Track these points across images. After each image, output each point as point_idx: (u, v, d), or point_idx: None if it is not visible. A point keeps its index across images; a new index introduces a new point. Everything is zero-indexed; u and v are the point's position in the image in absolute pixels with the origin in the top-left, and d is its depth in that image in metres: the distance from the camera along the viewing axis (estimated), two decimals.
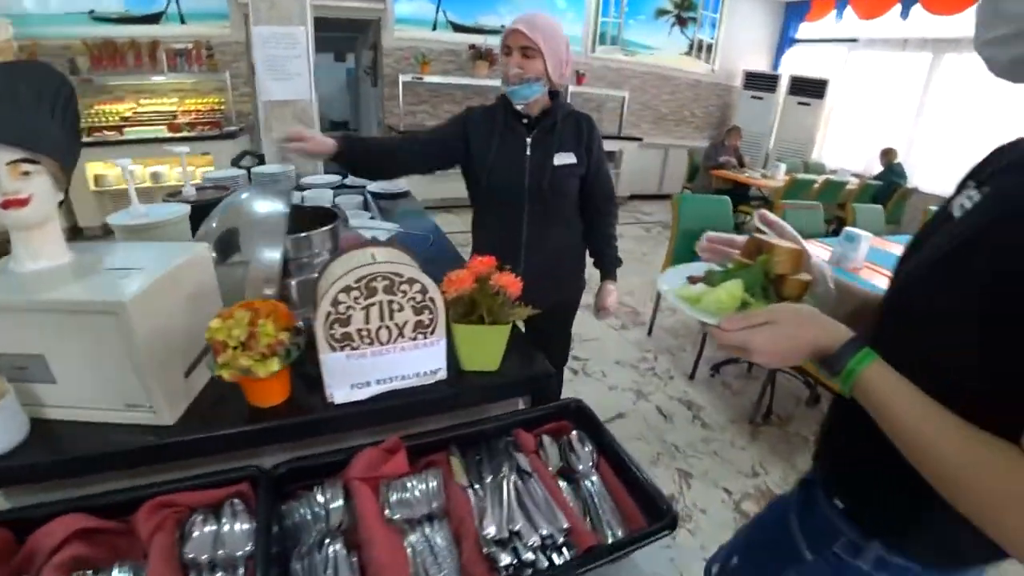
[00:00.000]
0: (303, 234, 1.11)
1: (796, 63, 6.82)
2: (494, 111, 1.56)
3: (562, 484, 0.80)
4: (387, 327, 0.80)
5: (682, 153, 6.57)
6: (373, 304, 0.78)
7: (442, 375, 0.88)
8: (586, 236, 1.72)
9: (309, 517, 0.73)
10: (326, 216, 1.22)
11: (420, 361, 0.85)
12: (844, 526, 0.72)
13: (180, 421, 0.84)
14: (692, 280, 0.75)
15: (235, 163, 2.92)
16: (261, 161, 2.41)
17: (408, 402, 0.87)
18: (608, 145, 6.03)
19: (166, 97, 4.90)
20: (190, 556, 0.65)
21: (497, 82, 5.51)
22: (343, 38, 7.88)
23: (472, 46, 5.49)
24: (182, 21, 4.69)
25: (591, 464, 0.83)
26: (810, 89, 6.17)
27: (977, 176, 0.63)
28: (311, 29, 2.21)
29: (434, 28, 5.43)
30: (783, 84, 6.45)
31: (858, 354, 0.55)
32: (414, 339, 0.83)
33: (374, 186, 2.32)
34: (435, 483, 0.78)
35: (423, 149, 1.57)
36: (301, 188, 2.27)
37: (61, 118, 0.83)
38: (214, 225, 1.08)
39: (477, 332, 0.84)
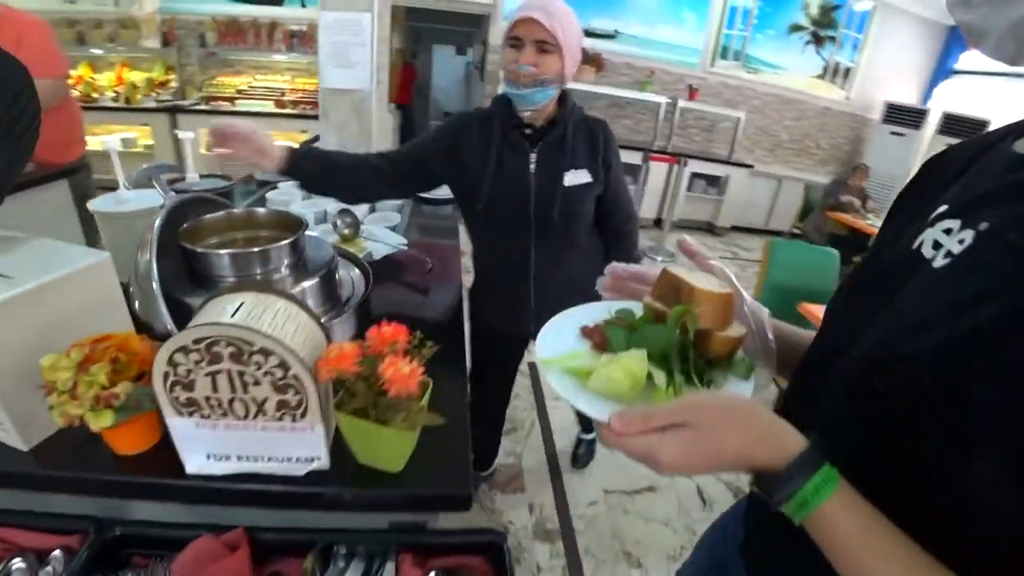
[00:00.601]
0: (243, 250, 0.97)
1: (951, 98, 5.78)
2: (490, 118, 1.30)
3: None
4: (242, 400, 0.62)
5: (797, 187, 5.88)
6: (219, 372, 0.60)
7: (321, 465, 0.69)
8: (606, 260, 1.48)
9: None
10: (294, 225, 1.08)
11: (292, 445, 0.67)
12: None
13: (37, 449, 0.74)
14: (585, 333, 0.56)
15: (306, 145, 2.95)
16: None
17: (275, 491, 0.68)
18: (713, 169, 5.61)
19: (279, 75, 5.16)
20: None
21: (603, 88, 5.23)
22: (464, 32, 7.97)
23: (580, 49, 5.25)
24: (303, 4, 4.89)
25: None
26: (966, 129, 5.19)
27: (942, 200, 0.46)
28: (378, 17, 2.10)
29: None
30: (932, 121, 5.50)
31: (815, 478, 0.39)
32: (279, 419, 0.64)
33: None
34: None
35: (393, 169, 1.32)
36: None
37: None
38: (157, 223, 0.96)
39: (362, 428, 0.63)
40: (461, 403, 0.87)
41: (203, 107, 4.77)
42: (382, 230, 1.64)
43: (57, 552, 0.65)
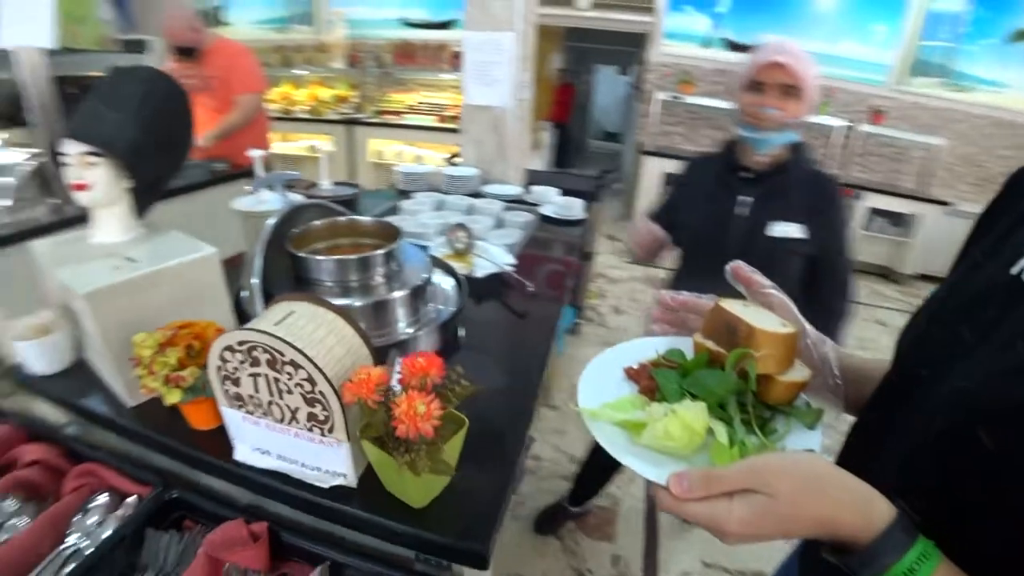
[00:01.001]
0: (337, 257, 1.01)
1: None
2: (713, 160, 1.34)
3: None
4: (278, 405, 0.64)
5: None
6: (259, 375, 0.62)
7: (346, 482, 0.68)
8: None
9: (161, 558, 0.66)
10: (393, 235, 1.12)
11: (320, 457, 0.67)
12: None
13: (139, 407, 0.85)
14: (630, 375, 0.52)
15: (449, 160, 3.12)
16: None
17: (301, 496, 0.69)
18: (898, 205, 4.82)
19: (444, 92, 5.54)
20: (68, 532, 0.68)
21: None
22: (626, 52, 7.91)
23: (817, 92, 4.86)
24: None
25: None
26: None
27: None
28: (520, 36, 2.14)
29: (706, 45, 4.98)
30: None
31: (909, 554, 0.35)
32: (309, 430, 0.64)
33: (550, 208, 2.15)
34: None
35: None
36: (476, 195, 2.24)
37: (145, 121, 0.88)
38: (270, 224, 1.06)
39: (381, 457, 0.61)
40: (516, 450, 0.81)
41: (376, 120, 5.32)
42: (494, 248, 1.64)
43: (132, 498, 0.72)
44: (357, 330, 0.68)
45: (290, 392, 0.62)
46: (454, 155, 2.72)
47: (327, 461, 0.67)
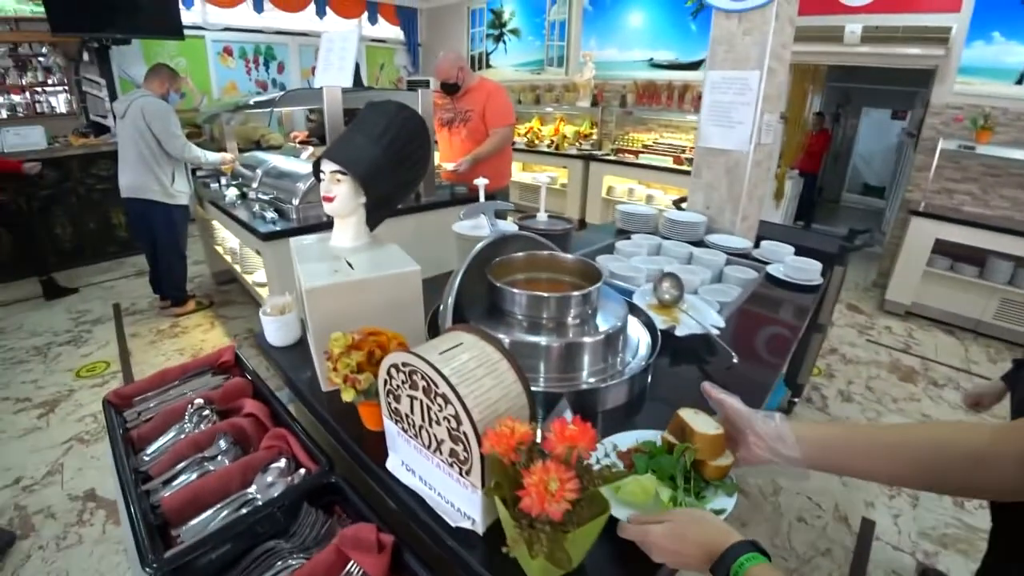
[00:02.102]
0: (528, 292, 1.00)
1: None
2: None
3: None
4: (428, 431, 0.64)
5: None
6: (416, 398, 0.63)
7: (473, 527, 0.64)
8: None
9: (306, 531, 0.72)
10: (593, 276, 1.07)
11: (456, 493, 0.64)
12: None
13: (330, 394, 0.96)
14: (619, 455, 0.74)
15: (675, 204, 2.99)
16: None
17: (429, 524, 0.68)
18: None
19: (684, 133, 5.38)
20: (250, 480, 0.78)
21: None
22: (905, 93, 6.68)
23: None
24: None
25: None
26: None
27: None
28: (767, 75, 1.93)
29: (1020, 81, 3.84)
30: None
31: (741, 558, 0.54)
32: (450, 465, 0.62)
33: (780, 268, 1.87)
34: None
35: None
36: (699, 244, 2.08)
37: (384, 147, 1.01)
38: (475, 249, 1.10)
39: (508, 520, 0.55)
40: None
41: (611, 157, 5.42)
42: (704, 305, 1.47)
43: (302, 471, 0.80)
44: (520, 377, 0.64)
45: (439, 423, 0.61)
46: (681, 199, 2.57)
47: (461, 500, 0.64)
